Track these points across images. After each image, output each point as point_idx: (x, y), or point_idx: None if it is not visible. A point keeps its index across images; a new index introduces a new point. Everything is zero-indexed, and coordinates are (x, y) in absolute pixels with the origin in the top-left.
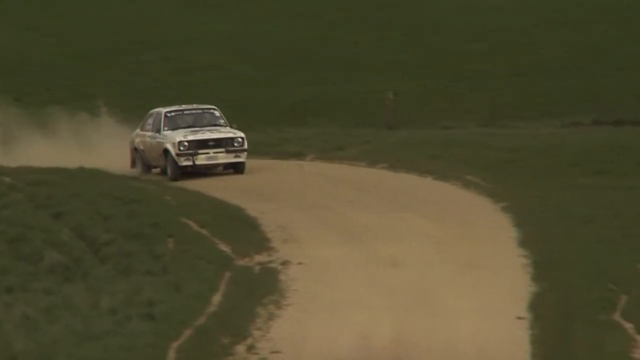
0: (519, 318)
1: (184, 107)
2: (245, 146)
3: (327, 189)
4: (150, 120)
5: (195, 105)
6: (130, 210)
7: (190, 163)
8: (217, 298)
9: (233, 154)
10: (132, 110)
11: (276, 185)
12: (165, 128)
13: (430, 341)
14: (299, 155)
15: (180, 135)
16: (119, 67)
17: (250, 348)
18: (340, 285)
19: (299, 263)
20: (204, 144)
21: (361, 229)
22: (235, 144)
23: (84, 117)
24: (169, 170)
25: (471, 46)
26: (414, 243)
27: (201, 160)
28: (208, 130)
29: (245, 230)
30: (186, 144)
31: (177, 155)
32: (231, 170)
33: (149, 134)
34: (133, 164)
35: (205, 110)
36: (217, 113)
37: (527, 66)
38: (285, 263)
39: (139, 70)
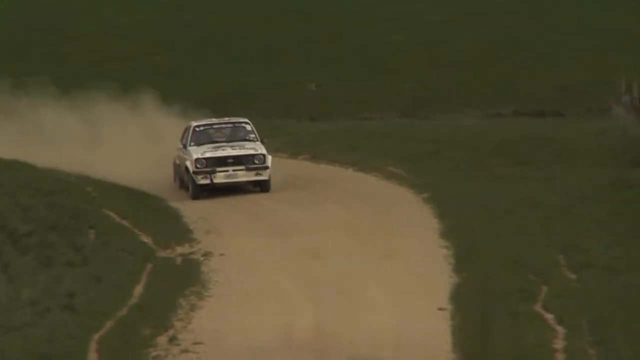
0: (440, 309)
1: (214, 120)
2: (267, 164)
3: None
4: (185, 134)
5: (226, 119)
6: (50, 201)
7: (208, 181)
8: (138, 289)
9: (254, 172)
10: None
11: None
12: (192, 143)
13: (351, 332)
14: None
15: (198, 152)
16: (38, 58)
17: (172, 339)
18: (262, 277)
19: (221, 254)
20: (222, 161)
21: (283, 221)
22: (256, 161)
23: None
24: (190, 188)
25: (390, 38)
26: (336, 234)
27: (220, 178)
28: (230, 147)
29: (167, 222)
30: (204, 161)
31: (194, 173)
32: (257, 189)
33: (182, 147)
34: (175, 178)
35: (235, 124)
36: (248, 127)
37: (446, 58)
38: (207, 254)
39: (58, 61)
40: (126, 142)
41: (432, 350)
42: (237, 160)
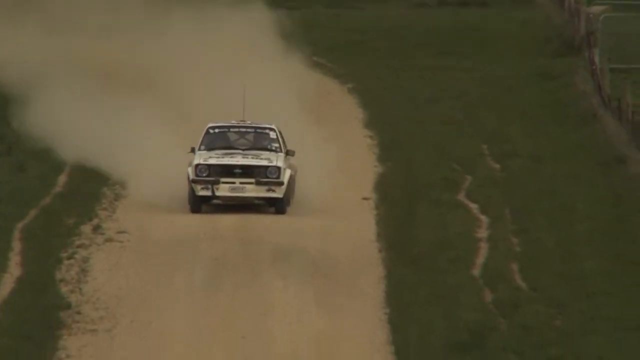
0: (364, 199)
1: (233, 123)
2: (283, 179)
3: None
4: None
5: (248, 122)
6: None
7: (208, 193)
8: (62, 179)
9: (265, 187)
10: None
11: None
12: (202, 147)
13: (278, 223)
14: None
15: (202, 158)
16: None
17: (97, 228)
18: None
19: None
20: (228, 170)
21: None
22: (269, 174)
23: None
24: (188, 200)
25: None
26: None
27: (223, 190)
28: (241, 155)
29: None
30: (205, 168)
31: (194, 182)
32: (272, 209)
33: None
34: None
35: (258, 129)
36: (272, 134)
37: None
38: None
39: None
40: None
41: (357, 239)
42: (246, 172)
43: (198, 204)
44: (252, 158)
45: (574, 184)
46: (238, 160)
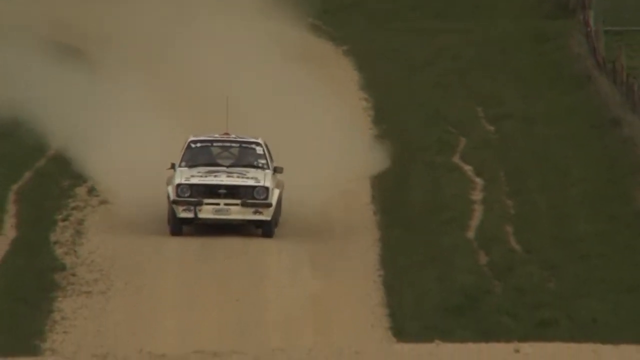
0: None
1: (216, 136)
2: (271, 200)
3: None
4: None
5: (233, 136)
6: None
7: (191, 215)
8: (56, 143)
9: (252, 209)
10: None
11: None
12: (183, 163)
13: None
14: None
15: (183, 176)
16: None
17: (91, 190)
18: None
19: None
20: (211, 190)
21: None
22: (256, 195)
23: None
24: (169, 221)
25: None
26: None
27: (207, 212)
28: (226, 173)
29: None
30: (187, 188)
31: (175, 203)
32: (259, 231)
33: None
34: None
35: (244, 144)
36: (259, 149)
37: None
38: None
39: None
40: None
41: (352, 202)
42: (232, 192)
43: (179, 226)
44: (238, 177)
45: (568, 147)
46: (222, 179)
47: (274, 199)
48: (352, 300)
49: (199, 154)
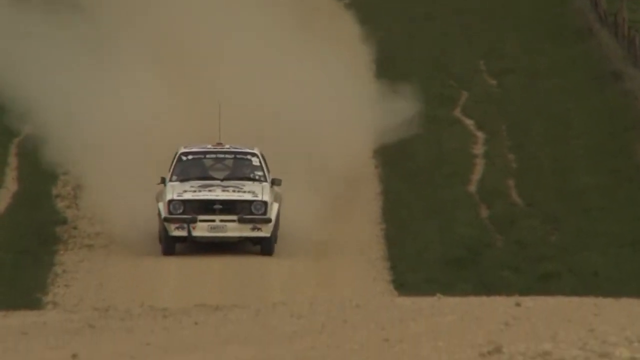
0: None
1: (209, 147)
2: (270, 215)
3: None
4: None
5: (227, 146)
6: None
7: (184, 233)
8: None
9: (250, 225)
10: None
11: None
12: (174, 177)
13: None
14: None
15: (175, 192)
16: None
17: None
18: None
19: None
20: (206, 206)
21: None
22: (254, 210)
23: None
24: (161, 240)
25: None
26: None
27: (201, 230)
28: (221, 187)
29: None
30: (180, 204)
31: (166, 220)
32: (257, 248)
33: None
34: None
35: (238, 155)
36: (255, 160)
37: None
38: None
39: None
40: None
41: (353, 155)
42: (228, 207)
43: (172, 245)
44: (234, 191)
45: (569, 100)
46: (218, 194)
47: (273, 214)
48: (354, 253)
49: (190, 167)
